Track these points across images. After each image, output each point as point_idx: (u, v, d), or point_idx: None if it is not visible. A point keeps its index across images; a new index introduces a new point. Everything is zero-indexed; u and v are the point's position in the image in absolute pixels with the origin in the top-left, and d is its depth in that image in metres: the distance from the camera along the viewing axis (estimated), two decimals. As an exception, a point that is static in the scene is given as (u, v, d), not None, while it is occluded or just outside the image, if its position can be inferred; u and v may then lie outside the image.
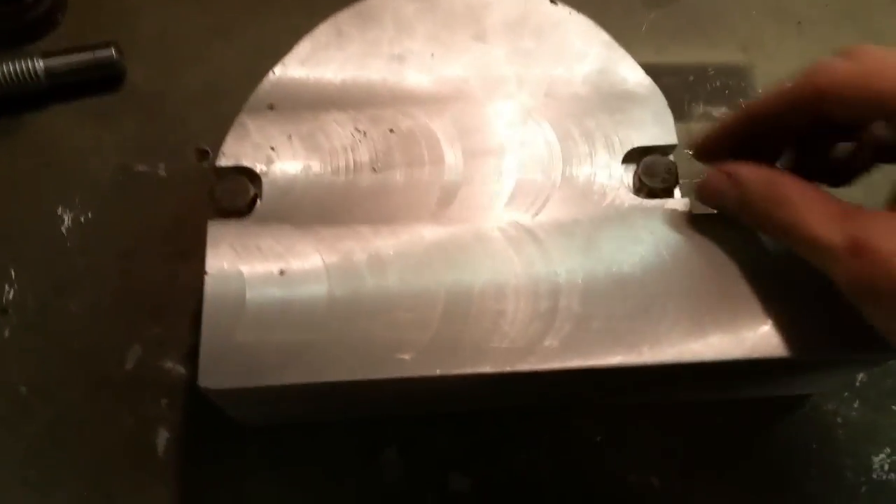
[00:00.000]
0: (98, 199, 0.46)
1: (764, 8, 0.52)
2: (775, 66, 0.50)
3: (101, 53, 0.48)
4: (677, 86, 0.49)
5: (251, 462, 0.40)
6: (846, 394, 0.42)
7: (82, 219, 0.46)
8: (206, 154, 0.47)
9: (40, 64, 0.47)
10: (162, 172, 0.47)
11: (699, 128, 0.47)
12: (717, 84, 0.49)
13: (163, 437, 0.41)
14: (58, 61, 0.48)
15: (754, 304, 0.34)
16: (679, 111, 0.46)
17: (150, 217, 0.45)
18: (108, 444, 0.41)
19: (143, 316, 0.43)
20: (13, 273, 0.44)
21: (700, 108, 0.48)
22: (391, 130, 0.38)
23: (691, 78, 0.49)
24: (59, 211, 0.46)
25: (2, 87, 0.47)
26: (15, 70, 0.47)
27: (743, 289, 0.34)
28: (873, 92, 0.29)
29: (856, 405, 0.41)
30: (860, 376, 0.42)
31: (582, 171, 0.37)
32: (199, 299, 0.34)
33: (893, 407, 0.41)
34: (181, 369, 0.42)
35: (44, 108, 0.49)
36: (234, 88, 0.47)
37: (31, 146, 0.48)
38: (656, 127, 0.38)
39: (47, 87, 0.48)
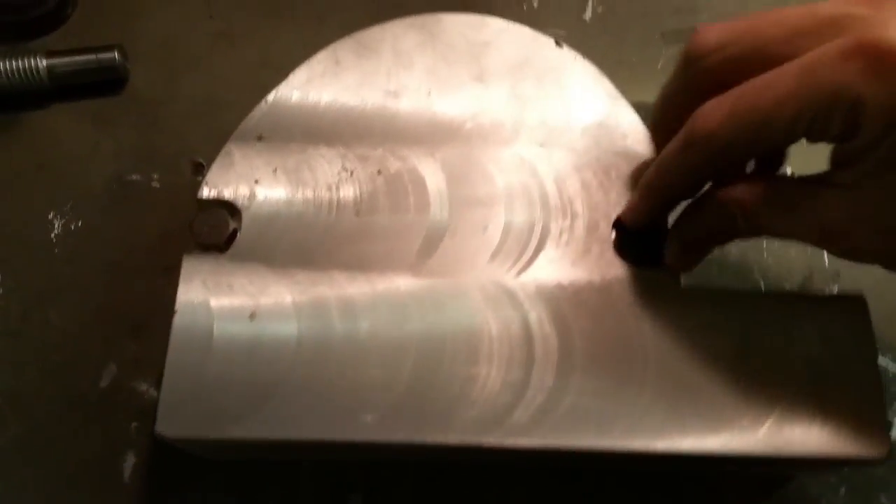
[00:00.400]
0: (90, 207, 0.45)
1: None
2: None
3: (105, 56, 0.47)
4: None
5: (215, 498, 0.40)
6: (832, 479, 0.40)
7: (72, 226, 0.45)
8: (201, 167, 0.46)
9: (43, 63, 0.47)
10: (155, 183, 0.46)
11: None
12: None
13: (129, 461, 0.40)
14: (60, 61, 0.47)
15: (737, 394, 0.32)
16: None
17: (138, 229, 0.45)
18: (75, 464, 0.40)
19: (122, 333, 0.42)
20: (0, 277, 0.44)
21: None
22: (379, 172, 0.36)
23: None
24: (51, 216, 0.45)
25: (3, 83, 0.47)
26: (17, 67, 0.46)
27: (726, 376, 0.32)
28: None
29: (842, 492, 0.39)
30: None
31: (571, 232, 0.35)
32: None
33: (883, 500, 0.39)
34: (153, 393, 0.41)
35: (44, 107, 0.48)
36: (235, 100, 0.47)
37: (29, 146, 0.47)
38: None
39: (49, 86, 0.47)
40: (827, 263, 0.44)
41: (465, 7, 0.50)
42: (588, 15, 0.51)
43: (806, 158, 0.32)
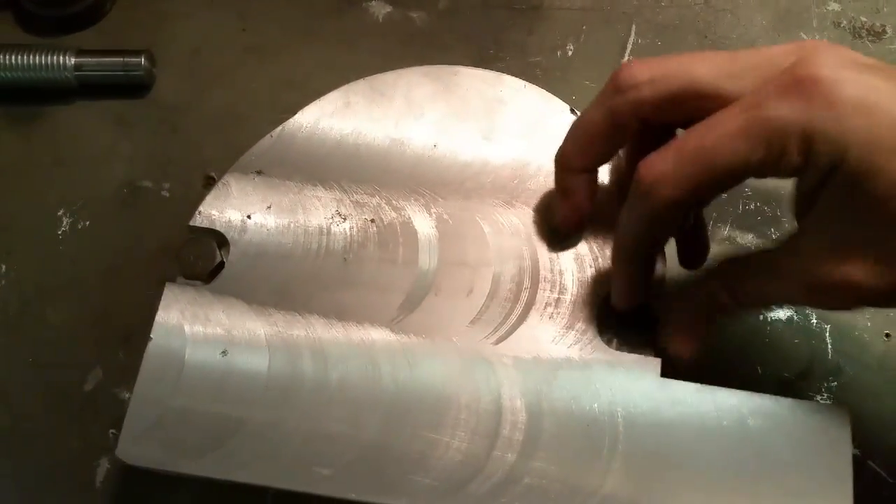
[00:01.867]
0: (99, 208, 0.46)
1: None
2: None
3: (132, 60, 0.48)
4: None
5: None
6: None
7: (80, 226, 0.46)
8: (213, 181, 0.46)
9: (71, 60, 0.47)
10: (165, 192, 0.46)
11: (717, 252, 0.43)
12: (752, 207, 0.45)
13: (103, 467, 0.41)
14: (88, 60, 0.48)
15: (700, 490, 0.31)
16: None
17: (142, 237, 0.45)
18: (52, 462, 0.41)
19: (112, 339, 0.43)
20: (3, 268, 0.45)
21: (724, 231, 0.45)
22: (372, 220, 0.36)
23: (724, 195, 0.46)
24: (61, 213, 0.46)
25: (31, 76, 0.47)
26: (46, 62, 0.47)
27: (693, 475, 0.32)
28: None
29: None
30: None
31: (556, 306, 0.35)
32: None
33: None
34: (134, 403, 0.42)
35: (68, 103, 0.49)
36: (255, 116, 0.47)
37: (49, 140, 0.48)
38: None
39: (75, 83, 0.48)
40: (830, 355, 0.43)
41: (498, 47, 0.50)
42: (620, 68, 0.50)
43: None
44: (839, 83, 0.27)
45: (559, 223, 0.36)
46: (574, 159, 0.34)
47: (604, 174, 0.36)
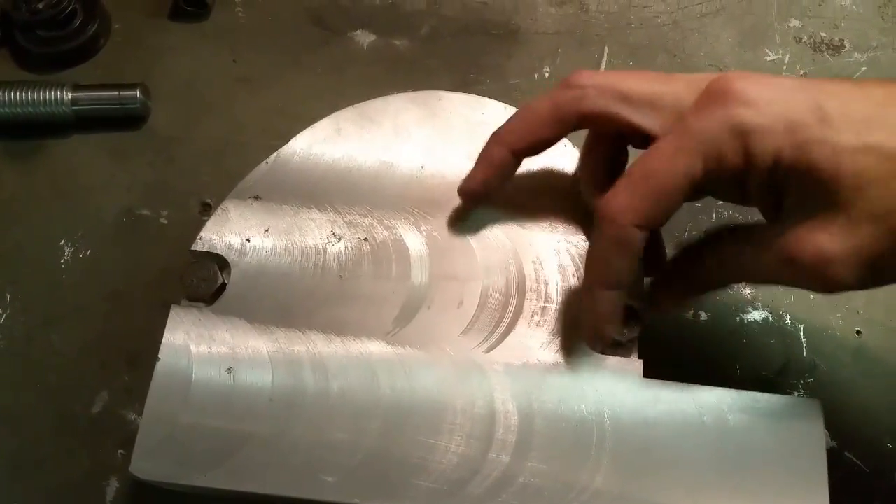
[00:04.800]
0: (99, 236, 0.48)
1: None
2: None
3: (127, 94, 0.50)
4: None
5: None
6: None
7: (81, 254, 0.47)
8: (209, 208, 0.48)
9: (68, 95, 0.49)
10: (163, 220, 0.48)
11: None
12: (724, 215, 0.48)
13: (113, 486, 0.42)
14: (84, 95, 0.50)
15: (688, 487, 0.33)
16: (673, 240, 0.45)
17: (143, 263, 0.47)
18: (61, 483, 0.42)
19: (117, 362, 0.45)
20: (8, 297, 0.46)
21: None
22: (366, 239, 0.38)
23: (698, 205, 0.48)
24: (62, 242, 0.48)
25: (29, 112, 0.49)
26: (43, 98, 0.49)
27: (678, 468, 0.34)
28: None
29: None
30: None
31: (542, 315, 0.37)
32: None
33: None
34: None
35: (66, 137, 0.51)
36: (248, 144, 0.49)
37: (49, 173, 0.50)
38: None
39: (72, 117, 0.50)
40: (805, 352, 0.45)
41: (479, 71, 0.52)
42: (595, 88, 0.52)
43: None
44: (748, 86, 0.31)
45: (461, 188, 0.38)
46: (508, 135, 0.37)
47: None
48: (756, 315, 0.45)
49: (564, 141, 0.40)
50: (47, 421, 0.44)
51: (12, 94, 0.49)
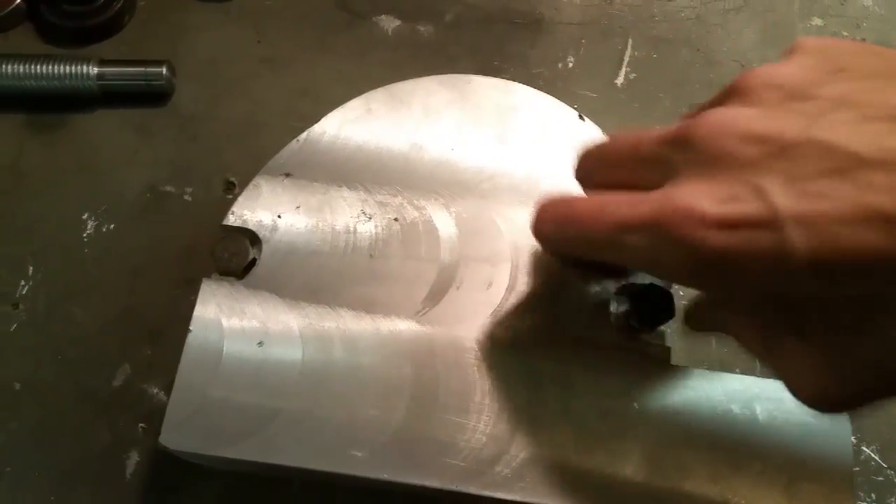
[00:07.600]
0: (122, 212, 0.48)
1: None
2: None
3: (153, 70, 0.50)
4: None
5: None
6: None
7: (104, 229, 0.47)
8: (233, 186, 0.48)
9: (94, 70, 0.49)
10: (187, 197, 0.48)
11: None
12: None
13: (133, 459, 0.42)
14: (110, 70, 0.50)
15: (715, 476, 0.34)
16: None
17: (166, 239, 0.47)
18: (81, 455, 0.43)
19: (139, 336, 0.45)
20: (31, 269, 0.46)
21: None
22: (396, 219, 0.39)
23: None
24: (85, 216, 0.48)
25: (55, 85, 0.49)
26: (69, 72, 0.49)
27: (706, 454, 0.34)
28: None
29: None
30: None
31: (573, 298, 0.37)
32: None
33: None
34: (163, 397, 0.43)
35: (91, 112, 0.51)
36: (272, 124, 0.49)
37: (73, 147, 0.50)
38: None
39: (97, 92, 0.50)
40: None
41: (502, 59, 0.52)
42: (620, 80, 0.52)
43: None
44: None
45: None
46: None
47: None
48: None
49: (595, 128, 0.41)
50: (68, 394, 0.44)
51: (38, 66, 0.49)
